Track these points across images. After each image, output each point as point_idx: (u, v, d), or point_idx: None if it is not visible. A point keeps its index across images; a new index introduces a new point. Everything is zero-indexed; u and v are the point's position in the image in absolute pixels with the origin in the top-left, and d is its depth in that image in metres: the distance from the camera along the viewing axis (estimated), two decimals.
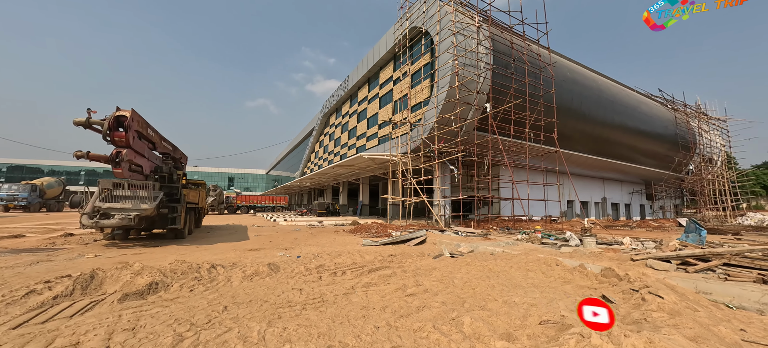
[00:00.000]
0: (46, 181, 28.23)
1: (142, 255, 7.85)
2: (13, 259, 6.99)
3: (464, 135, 17.65)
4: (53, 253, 7.79)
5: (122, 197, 8.87)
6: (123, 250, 8.48)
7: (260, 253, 8.31)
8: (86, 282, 4.53)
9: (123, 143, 7.99)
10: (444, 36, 16.82)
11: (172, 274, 5.23)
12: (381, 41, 24.60)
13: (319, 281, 5.44)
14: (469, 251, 8.68)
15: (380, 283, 5.33)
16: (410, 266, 6.67)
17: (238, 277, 5.48)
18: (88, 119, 7.54)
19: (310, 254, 8.10)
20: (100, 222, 8.21)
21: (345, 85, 32.06)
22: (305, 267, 6.29)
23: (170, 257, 7.59)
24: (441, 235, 11.75)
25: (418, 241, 10.65)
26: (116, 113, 7.86)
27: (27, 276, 5.41)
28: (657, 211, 39.19)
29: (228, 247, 9.48)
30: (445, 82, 16.53)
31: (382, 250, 8.73)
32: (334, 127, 37.31)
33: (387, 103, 24.30)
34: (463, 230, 12.62)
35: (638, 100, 28.67)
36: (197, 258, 7.46)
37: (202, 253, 8.34)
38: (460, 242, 9.99)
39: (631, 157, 28.24)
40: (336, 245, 10.18)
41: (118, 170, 8.03)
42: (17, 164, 79.35)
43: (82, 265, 6.55)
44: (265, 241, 11.16)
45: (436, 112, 16.69)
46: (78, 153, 7.69)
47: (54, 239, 10.31)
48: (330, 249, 9.26)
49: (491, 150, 16.08)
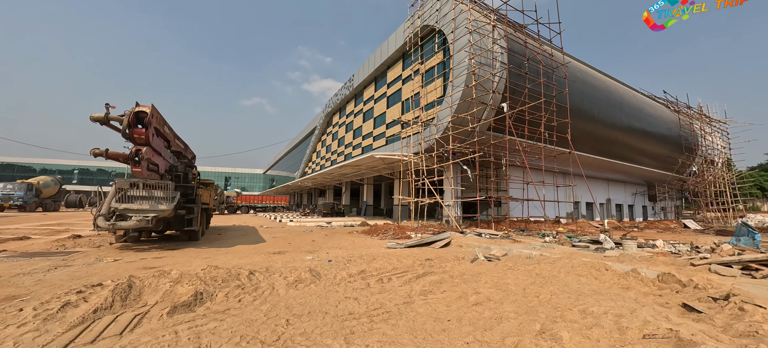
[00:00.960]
0: (42, 180, 27.39)
1: (164, 259, 7.41)
2: (28, 264, 6.52)
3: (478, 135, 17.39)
4: (68, 257, 7.32)
5: (139, 198, 8.41)
6: (141, 254, 8.02)
7: (287, 257, 7.92)
8: (124, 292, 4.11)
9: (142, 141, 7.54)
10: (459, 34, 16.54)
11: (212, 281, 4.83)
12: (389, 40, 24.26)
13: (368, 289, 5.09)
14: (503, 254, 8.37)
15: (435, 291, 4.99)
16: (454, 271, 6.34)
17: (282, 284, 5.10)
18: (106, 115, 7.09)
19: (340, 258, 7.73)
20: (117, 224, 7.74)
21: (350, 84, 31.66)
22: (347, 273, 5.92)
23: (195, 261, 7.18)
24: (464, 237, 11.45)
25: (443, 244, 10.33)
26: (136, 109, 7.42)
27: (51, 284, 4.97)
28: (659, 212, 39.39)
29: (249, 250, 9.05)
30: (460, 81, 16.25)
31: (412, 253, 8.39)
32: (337, 126, 36.88)
33: (395, 102, 23.97)
34: (486, 232, 12.33)
35: (644, 102, 28.72)
36: (224, 262, 7.05)
37: (226, 256, 7.92)
38: (488, 245, 9.69)
39: (636, 158, 28.25)
40: (359, 248, 9.81)
41: (138, 169, 7.58)
42: (8, 163, 77.50)
43: (105, 270, 6.11)
44: (283, 244, 10.74)
45: (451, 111, 16.40)
46: (96, 151, 7.23)
47: (63, 241, 9.79)
48: (356, 251, 8.89)
49: (508, 151, 15.82)
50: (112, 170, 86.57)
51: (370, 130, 27.95)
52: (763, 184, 52.79)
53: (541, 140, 17.68)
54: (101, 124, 7.41)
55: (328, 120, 40.21)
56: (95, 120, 7.20)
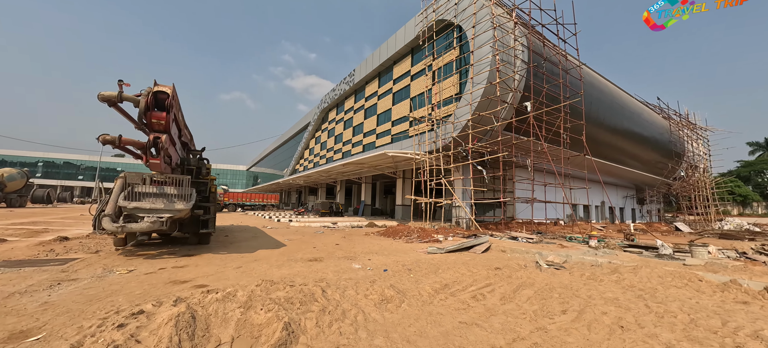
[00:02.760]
0: (6, 173, 24.52)
1: (188, 268, 6.20)
2: (19, 277, 5.18)
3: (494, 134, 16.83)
4: (67, 268, 5.98)
5: (149, 195, 7.10)
6: (154, 261, 6.74)
7: (330, 265, 6.88)
8: (189, 326, 3.03)
9: (162, 127, 6.28)
10: (481, 29, 15.89)
11: (287, 304, 3.79)
12: (397, 34, 23.36)
13: (471, 309, 4.20)
14: (563, 261, 7.70)
15: (554, 311, 4.16)
16: (539, 283, 5.55)
17: (368, 304, 4.13)
18: (119, 94, 5.80)
19: (390, 266, 6.79)
20: (126, 226, 6.43)
21: (350, 80, 30.49)
22: (430, 287, 5.01)
23: (227, 271, 6.03)
24: (501, 241, 10.75)
25: (484, 249, 9.59)
26: (155, 88, 6.15)
27: (65, 310, 3.76)
28: (646, 214, 40.67)
29: (277, 257, 7.92)
30: (481, 78, 15.60)
31: (464, 260, 7.57)
32: (334, 122, 35.55)
33: (403, 98, 23.10)
34: (520, 235, 11.70)
35: (641, 107, 29.32)
36: (265, 273, 5.94)
37: (258, 264, 6.78)
38: (537, 250, 9.00)
39: (631, 162, 28.79)
40: (398, 253, 8.87)
41: (156, 161, 6.31)
42: None
43: (126, 286, 4.89)
44: (307, 247, 9.63)
45: (471, 109, 15.72)
46: (105, 137, 5.92)
47: (50, 246, 8.27)
48: (398, 257, 7.96)
49: (531, 152, 15.31)
50: (81, 163, 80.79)
51: (373, 127, 26.93)
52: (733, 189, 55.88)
53: (556, 142, 17.35)
54: (110, 104, 6.09)
55: (323, 116, 38.75)
56: (105, 99, 5.89)
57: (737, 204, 56.17)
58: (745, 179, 61.80)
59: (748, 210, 58.38)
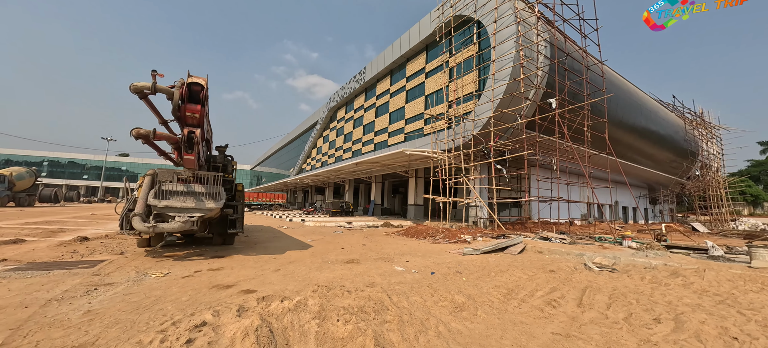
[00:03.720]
0: (15, 172, 24.28)
1: (224, 271, 5.83)
2: (51, 281, 4.83)
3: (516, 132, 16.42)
4: (98, 270, 5.62)
5: (178, 193, 6.73)
6: (186, 263, 6.38)
7: (371, 267, 6.50)
8: (269, 341, 2.64)
9: (196, 121, 5.91)
10: (503, 24, 15.47)
11: (361, 313, 3.41)
12: (411, 31, 22.96)
13: (550, 318, 3.81)
14: (612, 264, 7.28)
15: (646, 320, 3.76)
16: (605, 286, 5.15)
17: (442, 312, 3.75)
18: (153, 85, 5.43)
19: (437, 269, 6.40)
20: (158, 226, 6.06)
21: (360, 78, 30.10)
22: (498, 293, 4.63)
23: (267, 275, 5.66)
24: (534, 242, 10.34)
25: (520, 249, 9.19)
26: (189, 80, 5.78)
27: (114, 320, 3.40)
28: (658, 214, 40.12)
29: (310, 258, 7.54)
30: (503, 74, 15.19)
31: (507, 261, 7.17)
32: (343, 121, 35.15)
33: (417, 96, 22.69)
34: (553, 236, 11.28)
35: (656, 106, 28.81)
36: (307, 276, 5.57)
37: (296, 267, 6.41)
38: (579, 251, 8.59)
39: (645, 161, 28.29)
40: (431, 254, 8.48)
41: (191, 157, 5.95)
42: None
43: (168, 291, 4.52)
44: (334, 248, 9.25)
45: (493, 106, 15.30)
46: (139, 131, 5.55)
47: (72, 246, 7.93)
48: (436, 259, 7.57)
49: (558, 150, 14.88)
50: (86, 163, 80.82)
51: (385, 126, 26.53)
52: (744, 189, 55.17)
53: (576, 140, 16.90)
54: (141, 97, 5.73)
55: (331, 114, 38.38)
56: (137, 90, 5.53)
57: (748, 204, 55.46)
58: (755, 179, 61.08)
59: (759, 210, 57.66)
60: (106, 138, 53.70)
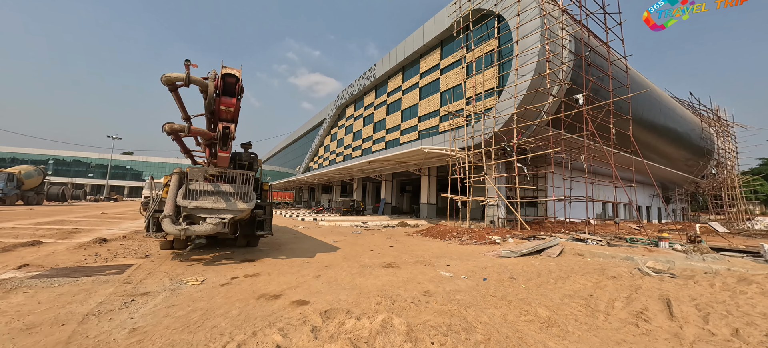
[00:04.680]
0: (24, 170, 24.00)
1: (262, 278, 5.40)
2: (80, 290, 4.42)
3: (538, 129, 15.93)
4: (128, 277, 5.21)
5: (208, 194, 6.30)
6: (220, 268, 5.96)
7: (416, 272, 6.05)
8: None
9: (231, 116, 5.47)
10: (527, 17, 14.94)
11: (451, 333, 2.96)
12: (425, 26, 22.44)
13: (652, 335, 3.34)
14: (667, 269, 6.79)
15: (760, 337, 3.29)
16: (682, 297, 4.67)
17: (532, 330, 3.29)
18: (187, 76, 5.00)
19: (483, 274, 5.94)
20: (189, 229, 5.64)
21: (371, 75, 29.60)
22: (577, 304, 4.15)
23: (310, 282, 5.22)
24: (570, 243, 9.86)
25: (558, 252, 8.72)
26: (223, 71, 5.34)
27: (167, 342, 2.97)
28: (671, 214, 39.47)
29: (344, 262, 7.10)
30: (527, 69, 14.68)
31: (547, 265, 6.70)
32: (352, 119, 34.69)
33: (431, 93, 22.19)
34: (588, 237, 10.79)
35: (674, 103, 28.18)
36: (352, 283, 5.13)
37: (338, 273, 5.97)
38: (626, 254, 8.10)
39: (661, 160, 27.68)
40: (467, 257, 8.02)
41: (225, 154, 5.52)
42: None
43: (212, 302, 4.10)
44: (363, 251, 8.81)
45: (516, 102, 14.80)
46: (172, 125, 5.12)
47: (91, 248, 7.54)
48: (476, 263, 7.12)
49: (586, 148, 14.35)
50: (91, 161, 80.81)
51: (397, 123, 26.05)
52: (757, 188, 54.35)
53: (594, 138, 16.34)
54: (171, 89, 5.30)
55: (340, 112, 37.91)
56: (168, 82, 5.09)
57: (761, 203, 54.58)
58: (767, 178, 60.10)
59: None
60: (112, 136, 53.51)
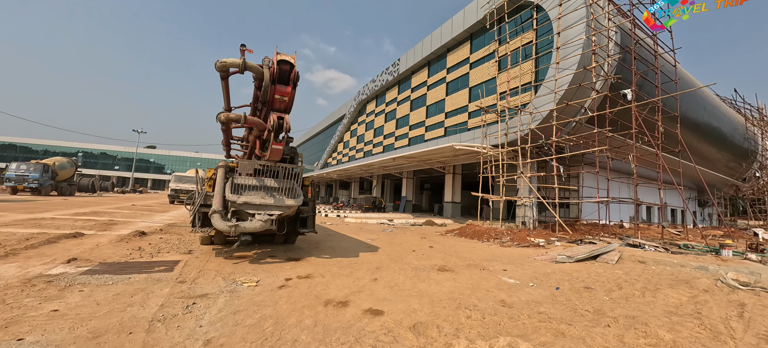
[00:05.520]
0: (58, 162, 24.76)
1: (316, 280, 5.03)
2: (133, 289, 4.16)
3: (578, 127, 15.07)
4: (179, 275, 4.94)
5: (254, 189, 5.98)
6: (269, 267, 5.65)
7: (475, 277, 5.56)
8: None
9: (284, 105, 5.11)
10: (570, 7, 14.08)
11: None
12: (453, 19, 21.70)
13: None
14: (754, 281, 6.05)
15: None
16: None
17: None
18: (243, 62, 4.65)
19: (561, 284, 5.38)
20: (239, 225, 5.32)
21: (394, 70, 29.05)
22: (694, 325, 3.57)
23: (373, 287, 4.80)
24: (625, 249, 9.14)
25: (617, 258, 8.04)
26: (278, 58, 4.97)
27: None
28: (706, 218, 37.38)
29: (389, 263, 6.68)
30: (570, 62, 13.85)
31: (608, 273, 6.07)
32: (373, 114, 34.26)
33: (460, 88, 21.48)
34: (646, 243, 10.01)
35: (718, 101, 26.47)
36: (415, 289, 4.68)
37: (394, 276, 5.55)
38: (698, 264, 7.36)
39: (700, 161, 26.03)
40: (518, 262, 7.46)
41: (279, 147, 5.17)
42: (9, 143, 74.37)
43: (279, 307, 3.74)
44: (404, 251, 8.37)
45: (556, 98, 14.00)
46: (228, 115, 4.80)
47: (133, 242, 7.40)
48: (534, 268, 6.56)
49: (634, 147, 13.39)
50: (117, 154, 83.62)
51: (421, 119, 25.45)
52: None
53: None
54: (222, 76, 4.98)
55: (360, 108, 37.55)
56: (223, 68, 4.77)
57: None
58: None
59: None
60: (137, 130, 54.99)
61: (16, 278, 4.18)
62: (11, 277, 4.23)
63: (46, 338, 2.67)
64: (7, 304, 3.32)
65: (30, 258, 5.35)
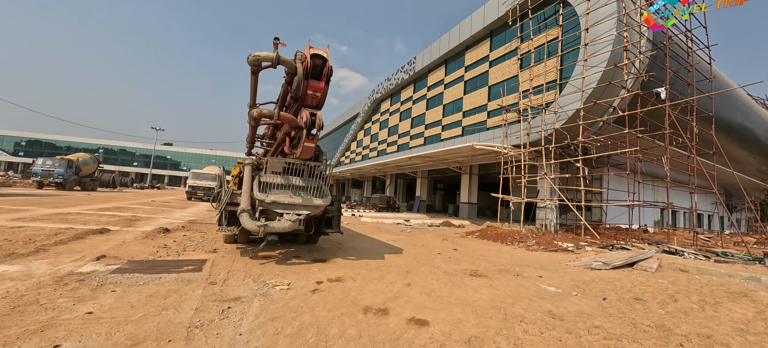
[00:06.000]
0: (81, 157, 25.43)
1: (348, 284, 4.82)
2: (165, 290, 4.02)
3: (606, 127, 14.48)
4: (209, 276, 4.80)
5: (281, 187, 5.82)
6: (296, 269, 5.48)
7: (511, 284, 5.25)
8: None
9: (317, 101, 4.92)
10: (600, 2, 13.52)
11: None
12: (473, 16, 21.23)
13: None
14: None
15: None
16: None
17: None
18: (277, 56, 4.48)
19: (609, 294, 5.02)
20: (269, 225, 5.17)
21: (410, 68, 28.73)
22: None
23: (408, 292, 4.56)
24: (668, 257, 8.64)
25: (656, 266, 7.57)
26: (311, 52, 4.78)
27: None
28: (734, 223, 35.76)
29: (418, 267, 6.42)
30: (598, 60, 13.30)
31: (652, 282, 5.65)
32: (387, 113, 34.03)
33: (478, 86, 21.02)
34: (686, 250, 9.47)
35: (750, 100, 25.17)
36: (453, 296, 4.41)
37: (427, 281, 5.30)
38: (748, 274, 6.84)
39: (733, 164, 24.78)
40: (552, 268, 7.09)
41: (311, 144, 4.99)
42: (36, 139, 77.23)
43: (316, 315, 3.54)
44: (429, 254, 8.10)
45: (583, 96, 13.46)
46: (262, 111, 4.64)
47: (158, 239, 7.36)
48: (572, 276, 6.19)
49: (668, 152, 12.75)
50: (135, 151, 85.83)
51: (438, 119, 25.06)
52: None
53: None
54: (253, 70, 4.81)
55: (374, 107, 37.37)
56: (255, 62, 4.61)
57: None
58: None
59: None
60: (155, 128, 56.23)
61: (49, 276, 4.11)
62: (43, 275, 4.16)
63: (84, 345, 2.52)
64: (41, 304, 3.21)
65: (60, 254, 5.32)
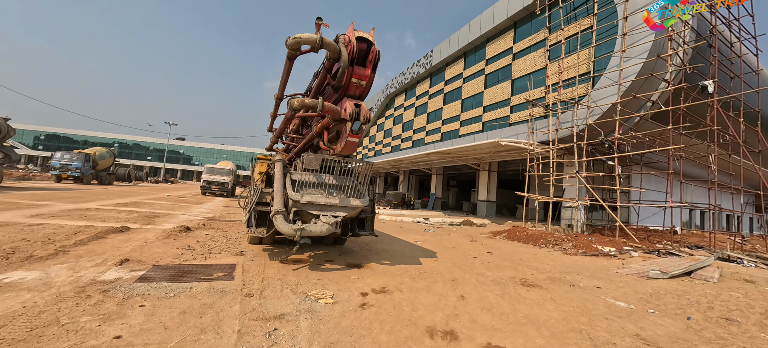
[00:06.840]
0: (98, 151, 25.54)
1: (394, 296, 4.30)
2: (198, 304, 3.56)
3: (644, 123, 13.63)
4: (243, 286, 4.33)
5: (315, 186, 5.32)
6: (334, 276, 4.99)
7: (573, 296, 4.66)
8: None
9: (361, 90, 4.39)
10: None
11: None
12: (495, 6, 20.35)
13: None
14: None
15: None
16: None
17: None
18: (320, 38, 3.95)
19: (694, 313, 4.38)
20: (305, 229, 4.67)
21: (426, 62, 27.96)
22: None
23: (465, 307, 4.01)
24: (725, 264, 7.90)
25: (717, 276, 6.86)
26: (356, 35, 4.23)
27: None
28: (763, 225, 34.14)
29: (462, 275, 5.87)
30: (637, 50, 12.43)
31: (742, 299, 4.97)
32: (402, 108, 33.36)
33: (501, 80, 20.19)
34: (741, 257, 8.69)
35: None
36: (512, 310, 3.84)
37: (480, 292, 4.75)
38: None
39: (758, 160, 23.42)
40: (606, 275, 6.45)
41: (355, 139, 4.48)
42: (54, 133, 78.91)
43: (376, 339, 3.00)
44: (466, 259, 7.54)
45: (620, 90, 12.62)
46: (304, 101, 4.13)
47: (181, 239, 6.96)
48: (633, 287, 5.56)
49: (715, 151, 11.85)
50: (149, 145, 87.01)
51: (455, 114, 24.31)
52: None
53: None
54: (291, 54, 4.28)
55: (388, 101, 36.73)
56: (295, 45, 4.08)
57: None
58: None
59: None
60: (169, 122, 56.67)
61: (70, 286, 3.69)
62: (64, 284, 3.74)
63: None
64: (62, 325, 2.77)
65: (81, 257, 4.93)
